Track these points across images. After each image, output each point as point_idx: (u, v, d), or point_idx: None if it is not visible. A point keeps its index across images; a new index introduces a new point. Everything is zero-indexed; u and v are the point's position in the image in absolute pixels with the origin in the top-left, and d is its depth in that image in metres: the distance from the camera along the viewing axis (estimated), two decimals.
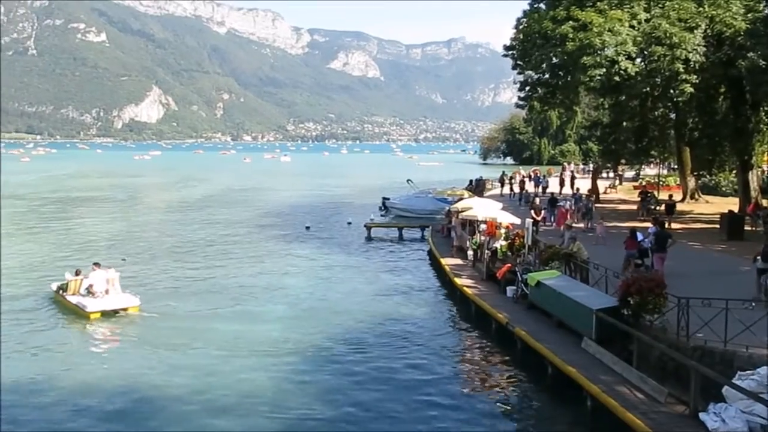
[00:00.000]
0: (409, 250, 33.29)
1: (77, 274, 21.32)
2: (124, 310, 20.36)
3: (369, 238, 36.65)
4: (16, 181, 75.91)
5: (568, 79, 32.14)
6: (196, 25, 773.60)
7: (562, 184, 48.80)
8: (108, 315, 20.06)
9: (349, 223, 41.69)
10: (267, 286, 24.65)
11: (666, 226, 23.92)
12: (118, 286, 21.35)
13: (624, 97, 34.78)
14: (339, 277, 26.30)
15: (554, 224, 30.50)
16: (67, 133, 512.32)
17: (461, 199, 37.04)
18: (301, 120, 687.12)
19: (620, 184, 57.95)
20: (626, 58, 28.75)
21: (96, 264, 21.60)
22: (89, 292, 20.51)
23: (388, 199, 49.06)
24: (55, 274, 23.64)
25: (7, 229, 40.21)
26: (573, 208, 32.52)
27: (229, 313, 20.76)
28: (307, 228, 39.93)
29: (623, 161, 50.22)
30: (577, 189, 38.89)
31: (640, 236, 20.16)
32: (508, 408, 13.89)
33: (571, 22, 29.52)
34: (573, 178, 50.83)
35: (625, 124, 38.36)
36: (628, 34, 28.48)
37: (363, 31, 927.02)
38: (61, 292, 21.23)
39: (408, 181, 54.16)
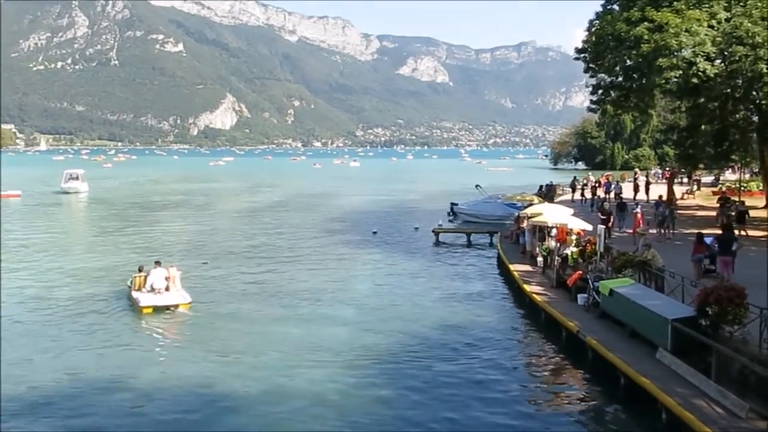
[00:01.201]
0: (478, 256, 33.00)
1: (140, 270, 22.49)
2: (175, 306, 21.22)
3: (437, 244, 36.50)
4: (100, 187, 79.20)
5: (643, 81, 31.31)
6: (269, 34, 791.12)
7: (636, 189, 47.40)
8: (160, 310, 20.95)
9: (417, 229, 41.65)
10: (333, 290, 24.87)
11: (737, 232, 22.99)
12: (179, 283, 22.40)
13: (702, 100, 33.56)
14: (406, 283, 26.27)
15: (626, 230, 29.67)
16: (146, 140, 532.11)
17: (531, 204, 36.52)
18: (370, 126, 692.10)
19: (698, 189, 55.91)
20: (705, 59, 27.76)
21: (157, 262, 22.73)
22: (152, 288, 21.58)
23: (457, 204, 48.86)
24: (134, 273, 24.59)
25: (91, 231, 42.24)
26: (641, 214, 31.45)
27: (295, 316, 21.01)
28: (375, 233, 40.09)
29: (701, 166, 48.43)
30: (660, 196, 37.48)
31: (708, 240, 19.50)
32: (579, 419, 13.55)
33: (646, 23, 28.74)
34: (648, 183, 49.33)
35: (703, 127, 37.00)
36: (706, 35, 27.50)
37: (432, 36, 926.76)
38: (130, 288, 22.46)
39: (477, 186, 53.76)
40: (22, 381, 14.97)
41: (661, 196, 37.09)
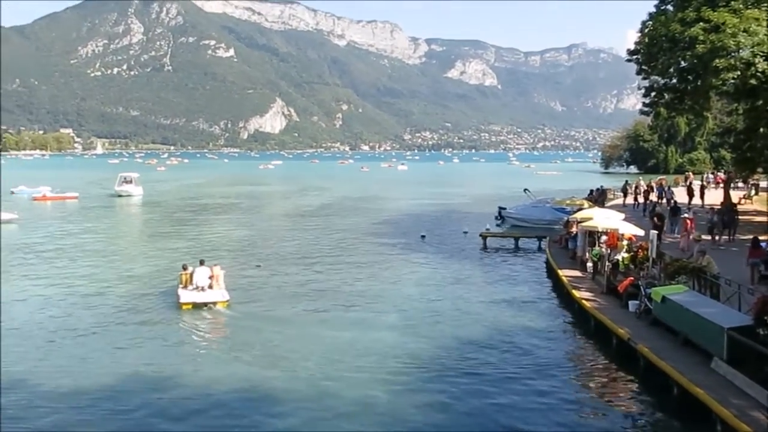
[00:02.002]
0: (526, 261, 32.65)
1: (184, 269, 23.45)
2: (213, 304, 22.03)
3: (484, 248, 36.25)
4: (155, 190, 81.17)
5: (698, 83, 30.48)
6: (318, 39, 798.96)
7: (690, 194, 46.14)
8: (199, 307, 21.79)
9: (465, 233, 41.41)
10: (381, 293, 24.92)
11: None
12: (222, 282, 23.06)
13: (761, 102, 32.47)
14: (453, 287, 26.15)
15: (678, 236, 28.89)
16: (197, 143, 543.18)
17: (581, 209, 35.92)
18: (418, 129, 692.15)
19: (756, 194, 54.10)
20: (764, 60, 26.88)
21: (201, 261, 23.84)
22: (196, 285, 22.48)
23: (505, 208, 48.44)
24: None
25: (145, 232, 43.37)
26: (690, 219, 30.54)
27: (342, 320, 21.12)
28: (423, 237, 40.04)
29: (760, 170, 46.84)
30: (722, 203, 36.19)
31: (765, 245, 18.92)
32: (631, 429, 13.28)
33: (701, 23, 27.98)
34: (702, 188, 47.96)
35: (762, 130, 35.78)
36: (766, 34, 26.63)
37: (480, 39, 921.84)
38: (177, 285, 23.37)
39: (525, 190, 53.26)
40: (73, 379, 15.45)
41: (722, 202, 35.96)
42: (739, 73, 26.87)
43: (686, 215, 30.55)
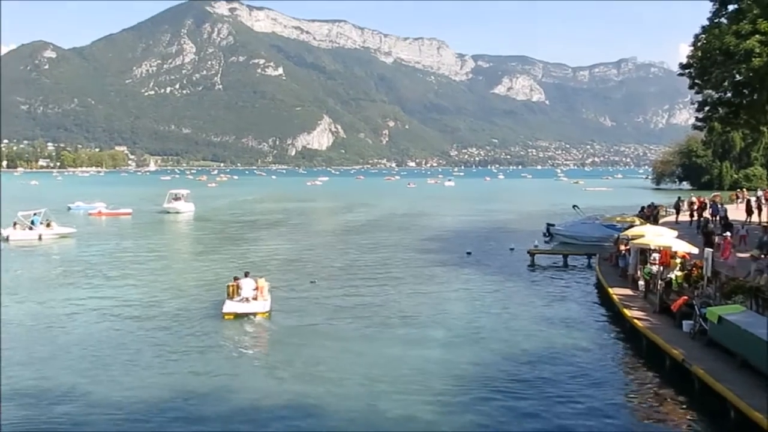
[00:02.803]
0: (575, 279, 32.09)
1: (235, 280, 24.00)
2: (254, 314, 22.74)
3: (532, 265, 35.78)
4: (207, 206, 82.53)
5: (754, 97, 29.75)
6: (365, 56, 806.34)
7: (749, 211, 44.70)
8: (241, 318, 22.49)
9: (512, 249, 40.98)
10: (426, 310, 24.76)
11: None
12: (267, 294, 23.82)
13: None
14: (500, 305, 25.83)
15: (720, 254, 27.78)
16: (246, 160, 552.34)
17: (632, 226, 35.24)
18: (464, 145, 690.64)
19: None
20: None
21: (246, 273, 24.49)
22: (242, 297, 23.27)
23: (553, 225, 47.82)
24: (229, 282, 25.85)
25: (197, 247, 44.23)
26: (729, 237, 29.28)
27: (387, 336, 21.04)
28: (469, 253, 39.77)
29: None
30: None
31: None
32: None
33: (757, 35, 27.32)
34: (760, 204, 46.47)
35: None
36: None
37: (528, 55, 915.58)
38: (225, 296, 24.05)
39: (574, 206, 52.47)
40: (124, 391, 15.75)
41: None
42: None
43: (739, 233, 29.66)
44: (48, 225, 48.79)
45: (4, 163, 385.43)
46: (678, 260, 22.73)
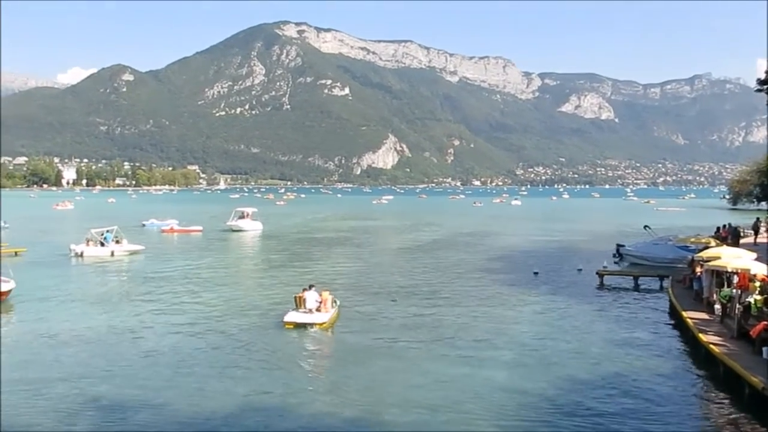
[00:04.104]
0: (646, 301, 31.12)
1: (303, 291, 25.56)
2: (312, 325, 23.86)
3: (601, 287, 34.93)
4: (278, 224, 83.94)
5: None
6: (430, 76, 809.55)
7: None
8: (301, 327, 23.79)
9: (580, 270, 40.14)
10: (492, 330, 24.44)
11: None
12: (330, 306, 25.03)
13: None
14: (568, 326, 25.27)
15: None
16: (312, 179, 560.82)
17: (707, 247, 34.00)
18: (531, 164, 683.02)
19: None
20: None
21: (311, 285, 25.97)
22: (307, 308, 24.67)
23: (623, 245, 46.64)
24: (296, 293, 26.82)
25: (264, 264, 45.06)
26: None
27: (451, 355, 20.86)
28: (536, 273, 39.17)
29: None
30: None
31: None
32: None
33: None
34: None
35: None
36: None
37: (596, 72, 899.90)
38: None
39: (645, 227, 51.07)
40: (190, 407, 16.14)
41: None
42: None
43: None
44: (118, 242, 50.41)
45: (84, 181, 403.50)
46: (757, 283, 21.80)
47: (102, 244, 49.31)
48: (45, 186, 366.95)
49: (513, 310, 28.78)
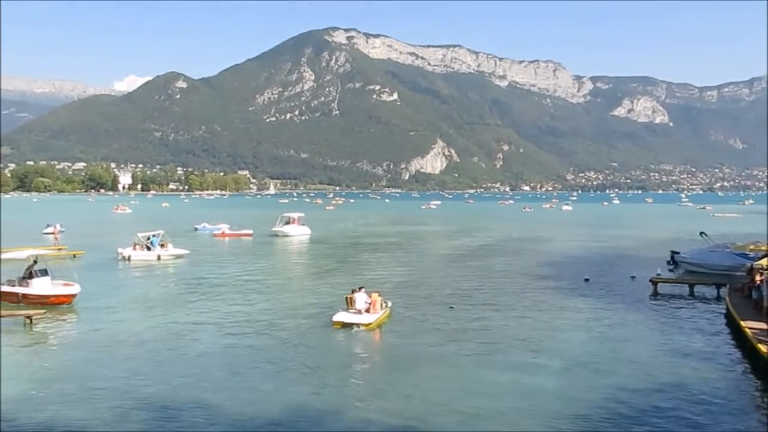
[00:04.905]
0: (702, 310, 30.24)
1: (353, 293, 26.57)
2: (358, 325, 24.70)
3: (655, 295, 34.09)
4: (327, 228, 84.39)
5: None
6: (479, 80, 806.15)
7: None
8: (348, 327, 24.69)
9: (633, 277, 39.29)
10: (542, 338, 24.09)
11: None
12: (379, 307, 26.15)
13: None
14: (620, 335, 24.72)
15: None
16: (361, 184, 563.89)
17: (767, 254, 32.90)
18: (581, 169, 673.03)
19: None
20: None
21: (360, 287, 26.91)
22: (357, 308, 25.74)
23: (678, 252, 45.51)
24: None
25: (313, 268, 45.46)
26: None
27: (500, 362, 20.67)
28: (587, 280, 38.51)
29: None
30: None
31: None
32: None
33: None
34: None
35: None
36: None
37: (650, 75, 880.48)
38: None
39: (701, 233, 49.72)
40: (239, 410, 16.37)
41: None
42: None
43: None
44: (163, 245, 51.27)
45: (139, 185, 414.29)
46: None
47: (148, 248, 50.17)
48: (102, 191, 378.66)
49: (563, 317, 28.33)
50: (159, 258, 49.16)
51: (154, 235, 51.78)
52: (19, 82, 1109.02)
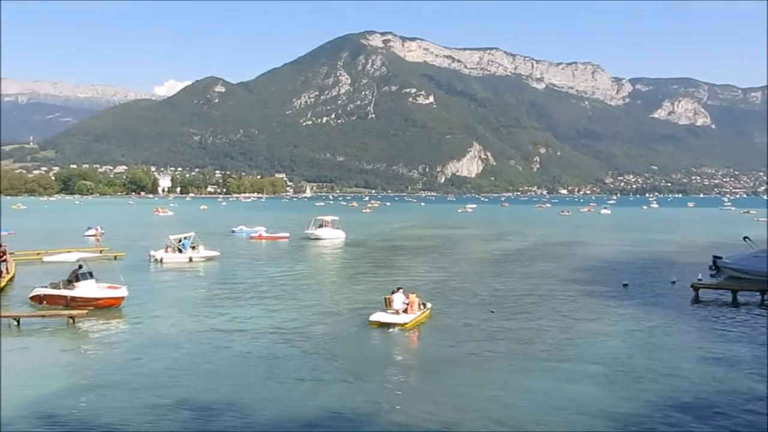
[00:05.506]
0: (745, 317, 29.49)
1: (392, 293, 27.22)
2: (394, 326, 25.17)
3: (696, 300, 33.41)
4: (362, 232, 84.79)
5: None
6: (516, 83, 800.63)
7: None
8: (384, 326, 25.21)
9: (673, 283, 38.56)
10: (578, 343, 23.76)
11: None
12: (416, 308, 26.57)
13: None
14: (659, 342, 24.23)
15: None
16: (396, 187, 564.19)
17: None
18: (620, 172, 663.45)
19: None
20: None
21: (398, 288, 27.66)
22: (393, 308, 26.28)
23: (720, 257, 44.44)
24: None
25: (349, 271, 45.66)
26: None
27: (535, 368, 20.45)
28: (625, 285, 37.91)
29: None
30: None
31: None
32: None
33: None
34: None
35: None
36: None
37: (691, 77, 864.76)
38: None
39: (745, 238, 48.52)
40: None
41: None
42: None
43: None
44: (194, 248, 51.75)
45: (178, 188, 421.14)
46: None
47: (180, 251, 50.68)
48: (142, 193, 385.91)
49: (601, 322, 27.92)
50: (190, 260, 49.77)
51: (185, 237, 52.24)
52: (63, 87, 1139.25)
